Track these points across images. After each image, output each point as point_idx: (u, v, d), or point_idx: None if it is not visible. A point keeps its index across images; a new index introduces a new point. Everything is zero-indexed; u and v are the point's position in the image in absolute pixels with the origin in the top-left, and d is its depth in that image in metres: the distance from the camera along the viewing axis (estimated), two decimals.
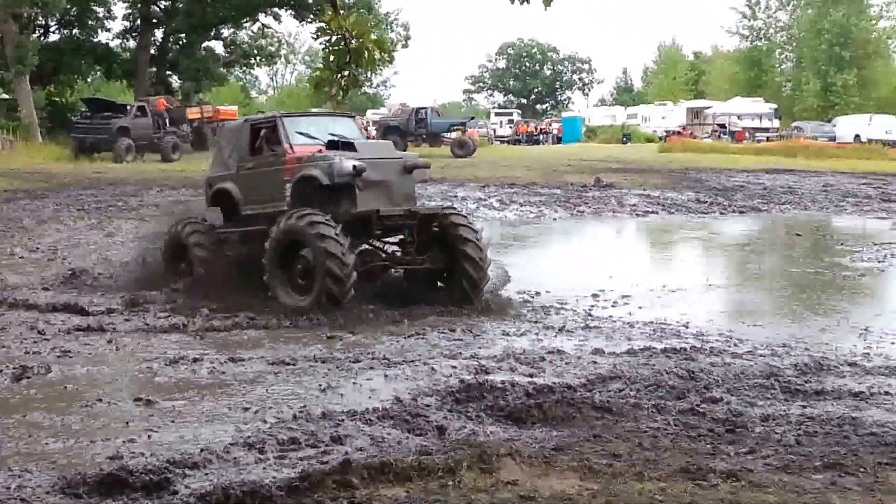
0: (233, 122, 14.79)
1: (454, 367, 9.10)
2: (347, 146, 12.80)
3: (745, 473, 6.04)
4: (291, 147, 12.95)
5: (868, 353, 9.95)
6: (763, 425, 7.27)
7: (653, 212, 25.85)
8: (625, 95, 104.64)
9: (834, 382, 8.60)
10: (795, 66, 74.63)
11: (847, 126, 58.58)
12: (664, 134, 63.01)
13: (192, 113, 45.02)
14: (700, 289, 14.58)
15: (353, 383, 8.56)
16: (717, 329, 11.26)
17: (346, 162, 12.31)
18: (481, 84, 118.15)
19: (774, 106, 65.38)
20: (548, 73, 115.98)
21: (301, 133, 13.22)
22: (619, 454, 6.42)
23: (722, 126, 62.32)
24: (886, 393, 8.23)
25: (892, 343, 10.57)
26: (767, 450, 6.62)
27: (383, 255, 12.97)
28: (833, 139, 55.66)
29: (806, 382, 8.60)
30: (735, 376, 8.76)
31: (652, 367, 9.02)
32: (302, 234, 11.89)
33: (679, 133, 62.66)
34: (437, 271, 12.90)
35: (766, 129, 60.76)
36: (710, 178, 33.21)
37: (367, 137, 18.49)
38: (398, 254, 13.00)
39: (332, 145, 12.93)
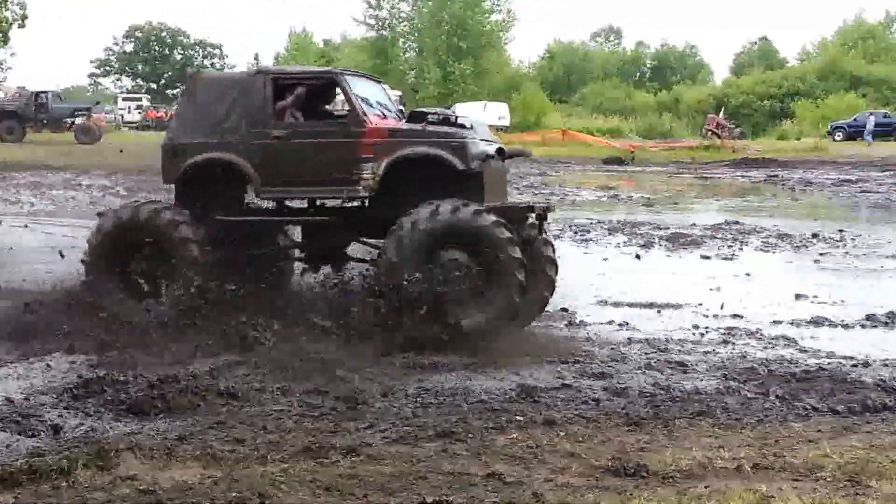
0: (225, 74, 10.88)
1: (72, 362, 8.70)
2: (454, 121, 10.29)
3: (364, 448, 6.29)
4: (366, 115, 10.20)
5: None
6: (383, 400, 7.58)
7: None
8: None
9: (448, 356, 9.06)
10: (418, 55, 77.89)
11: (465, 112, 62.00)
12: None
13: None
14: None
15: None
16: None
17: (483, 143, 10.11)
18: (108, 68, 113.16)
19: (399, 93, 67.77)
20: (178, 57, 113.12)
21: (361, 98, 10.36)
22: (243, 439, 6.45)
23: None
24: (494, 363, 8.83)
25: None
26: (386, 423, 6.93)
27: None
28: None
29: (423, 357, 8.99)
30: (359, 354, 9.04)
31: (278, 350, 9.10)
32: (477, 235, 9.41)
33: None
34: None
35: None
36: None
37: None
38: None
39: (416, 117, 10.38)
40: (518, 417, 7.09)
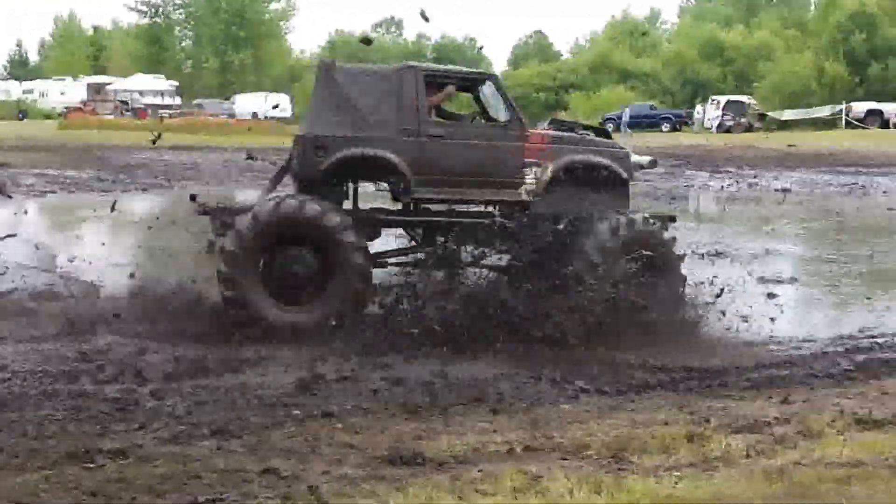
0: (368, 66, 10.90)
1: None
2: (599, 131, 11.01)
3: (134, 449, 6.07)
4: (523, 120, 10.38)
5: None
6: (155, 400, 7.34)
7: (51, 191, 25.08)
8: (20, 69, 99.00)
9: (227, 353, 8.82)
10: (195, 44, 76.10)
11: (245, 103, 61.26)
12: (64, 110, 60.75)
13: None
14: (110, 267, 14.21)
15: None
16: None
17: (636, 155, 10.56)
18: None
19: (176, 83, 66.18)
20: None
21: None
22: (1, 447, 6.10)
23: (124, 102, 61.74)
24: (273, 357, 8.70)
25: None
26: (158, 423, 6.71)
27: None
28: (232, 116, 57.73)
29: (205, 357, 8.67)
30: (131, 354, 8.71)
31: (42, 353, 8.66)
32: (658, 243, 10.00)
33: (80, 109, 60.84)
34: None
35: (169, 107, 61.30)
36: (112, 156, 32.85)
37: None
38: None
39: (557, 125, 11.02)
40: (296, 411, 7.03)
